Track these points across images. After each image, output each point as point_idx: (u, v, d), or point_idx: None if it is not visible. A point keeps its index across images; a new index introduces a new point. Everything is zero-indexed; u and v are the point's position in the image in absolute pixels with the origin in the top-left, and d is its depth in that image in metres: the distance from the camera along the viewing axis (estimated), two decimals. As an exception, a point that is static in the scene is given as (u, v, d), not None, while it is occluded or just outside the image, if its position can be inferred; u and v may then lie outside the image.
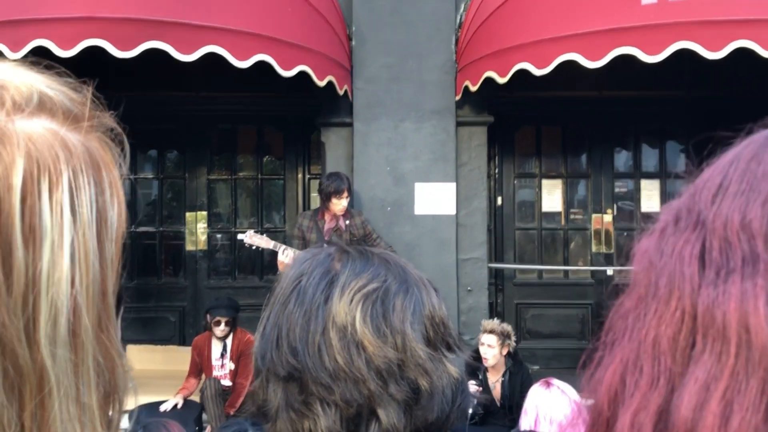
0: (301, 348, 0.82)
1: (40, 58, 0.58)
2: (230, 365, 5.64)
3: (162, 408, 5.37)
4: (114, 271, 0.53)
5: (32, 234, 0.47)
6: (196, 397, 5.53)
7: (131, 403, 0.53)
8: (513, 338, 4.98)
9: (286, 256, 5.09)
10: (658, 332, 0.44)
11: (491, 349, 4.88)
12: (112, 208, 0.53)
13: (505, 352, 4.94)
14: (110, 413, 0.52)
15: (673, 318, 0.44)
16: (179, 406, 5.44)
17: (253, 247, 5.37)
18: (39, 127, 0.50)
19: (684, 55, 4.68)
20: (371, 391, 0.80)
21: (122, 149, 0.57)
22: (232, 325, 5.61)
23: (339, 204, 5.27)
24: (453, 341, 0.88)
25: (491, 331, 4.88)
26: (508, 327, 4.98)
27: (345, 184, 5.27)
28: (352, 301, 0.83)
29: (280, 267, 5.19)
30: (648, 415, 0.43)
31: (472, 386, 4.88)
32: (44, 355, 0.47)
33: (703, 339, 0.42)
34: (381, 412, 0.80)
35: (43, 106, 0.51)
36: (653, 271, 0.46)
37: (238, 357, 5.55)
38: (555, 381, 2.97)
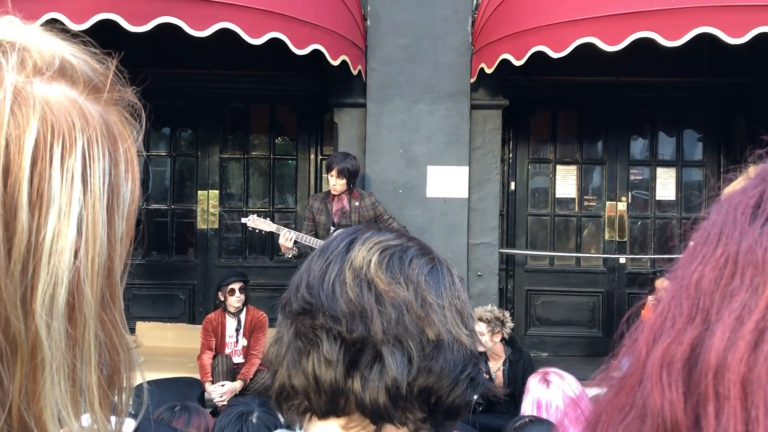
0: (316, 285, 0.85)
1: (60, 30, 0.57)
2: (243, 341, 5.67)
3: (216, 395, 5.20)
4: (124, 249, 0.52)
5: (39, 200, 0.46)
6: (198, 375, 5.55)
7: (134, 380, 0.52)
8: (508, 324, 4.93)
9: (287, 239, 5.10)
10: (702, 274, 0.45)
11: (481, 337, 4.89)
12: (126, 183, 0.52)
13: (498, 338, 4.91)
14: (114, 396, 0.51)
15: (718, 262, 0.45)
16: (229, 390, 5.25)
17: (256, 231, 5.39)
18: (57, 93, 0.49)
19: (704, 40, 4.60)
20: (376, 329, 0.81)
21: (140, 125, 0.56)
22: (246, 296, 5.63)
23: (330, 181, 5.24)
24: (467, 315, 0.88)
25: (479, 319, 4.87)
26: (499, 313, 4.94)
27: (337, 163, 5.15)
28: (371, 249, 0.86)
29: (282, 250, 5.23)
30: (680, 348, 0.44)
31: None
32: (38, 325, 0.45)
33: (741, 277, 0.43)
34: (385, 352, 0.80)
35: (65, 72, 0.50)
36: (710, 223, 0.48)
37: (251, 333, 5.60)
38: (552, 376, 2.87)
